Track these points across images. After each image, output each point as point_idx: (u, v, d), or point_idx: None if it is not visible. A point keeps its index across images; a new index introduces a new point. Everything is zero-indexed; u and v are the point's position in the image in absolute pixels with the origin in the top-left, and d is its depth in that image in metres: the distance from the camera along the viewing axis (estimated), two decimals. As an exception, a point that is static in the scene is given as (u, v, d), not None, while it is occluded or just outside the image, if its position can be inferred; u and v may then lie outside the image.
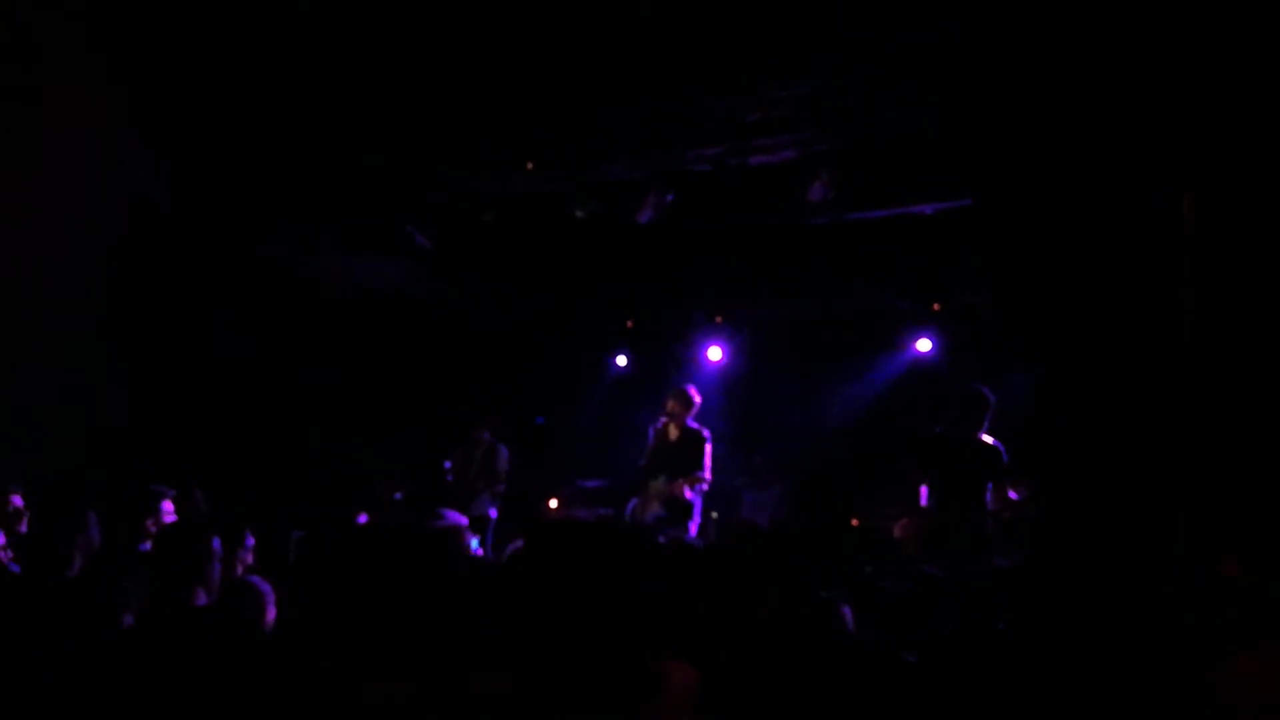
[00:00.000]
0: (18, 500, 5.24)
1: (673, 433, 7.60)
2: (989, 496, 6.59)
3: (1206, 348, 6.16)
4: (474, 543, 4.93)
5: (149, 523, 4.67)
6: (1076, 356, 7.99)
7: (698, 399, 7.66)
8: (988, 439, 6.74)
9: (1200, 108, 5.71)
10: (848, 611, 3.31)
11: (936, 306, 8.94)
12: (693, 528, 7.38)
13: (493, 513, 8.31)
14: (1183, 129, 5.95)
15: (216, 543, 3.38)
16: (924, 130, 6.48)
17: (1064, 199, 7.09)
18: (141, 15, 6.50)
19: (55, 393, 6.81)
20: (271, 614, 3.47)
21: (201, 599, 3.53)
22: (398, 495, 8.70)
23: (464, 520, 5.07)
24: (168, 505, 4.69)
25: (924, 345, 9.06)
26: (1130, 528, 5.60)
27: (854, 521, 8.13)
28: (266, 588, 3.52)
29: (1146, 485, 6.73)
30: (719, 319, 9.98)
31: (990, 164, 6.77)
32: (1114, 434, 7.54)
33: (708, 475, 7.47)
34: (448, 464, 8.47)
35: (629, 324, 10.45)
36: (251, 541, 4.37)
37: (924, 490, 6.80)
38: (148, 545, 4.41)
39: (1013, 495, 6.69)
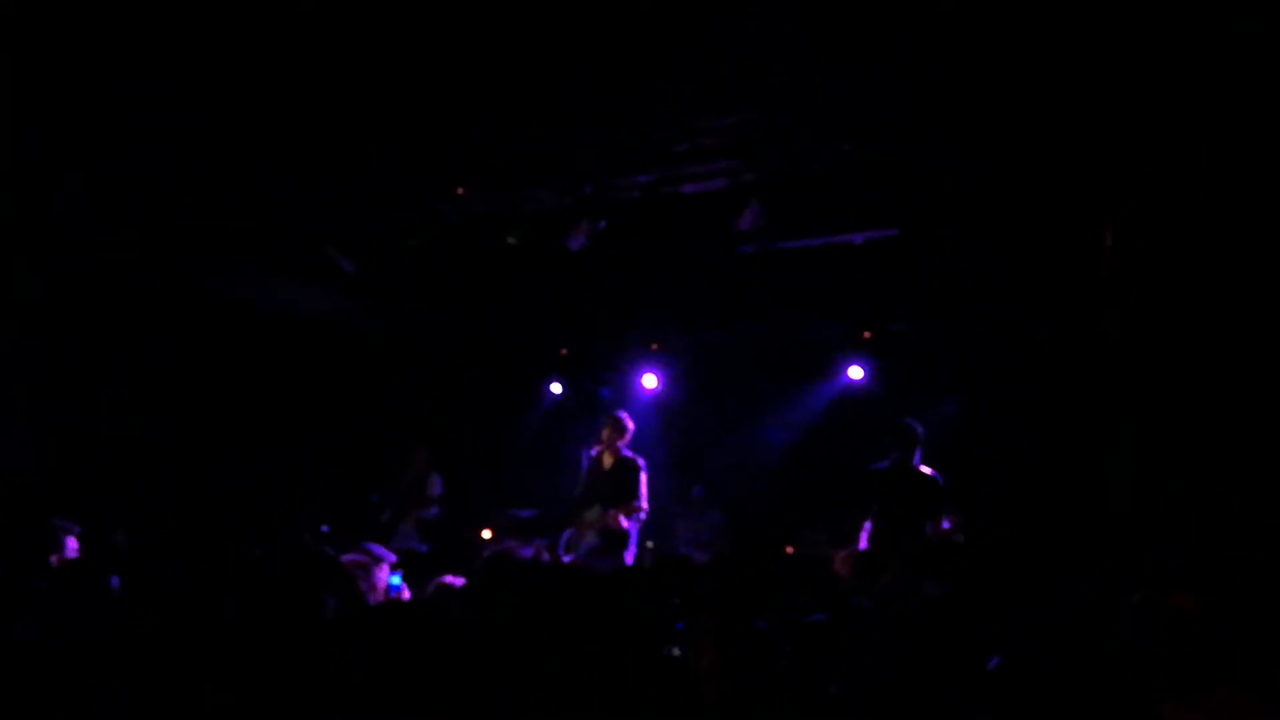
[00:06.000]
0: None
1: (607, 461, 7.53)
2: (928, 527, 6.62)
3: (1132, 372, 6.27)
4: (395, 579, 4.77)
5: (54, 560, 4.46)
6: (1001, 383, 8.09)
7: (631, 426, 7.60)
8: (925, 470, 6.79)
9: (1125, 139, 5.84)
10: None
11: (867, 335, 9.00)
12: (628, 557, 7.29)
13: (421, 548, 8.05)
14: (1106, 159, 6.08)
15: (115, 582, 3.21)
16: (852, 162, 6.54)
17: (988, 232, 7.22)
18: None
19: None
20: None
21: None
22: (324, 528, 8.45)
23: (389, 555, 4.92)
24: (72, 542, 4.49)
25: (856, 373, 9.11)
26: (1056, 553, 5.64)
27: (788, 550, 8.10)
28: None
29: (1072, 511, 6.82)
30: (654, 346, 9.93)
31: (915, 195, 6.87)
32: (1040, 459, 7.64)
33: (644, 504, 7.40)
34: (375, 497, 8.18)
35: (563, 352, 10.35)
36: None
37: (867, 525, 6.77)
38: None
39: (944, 524, 6.73)
